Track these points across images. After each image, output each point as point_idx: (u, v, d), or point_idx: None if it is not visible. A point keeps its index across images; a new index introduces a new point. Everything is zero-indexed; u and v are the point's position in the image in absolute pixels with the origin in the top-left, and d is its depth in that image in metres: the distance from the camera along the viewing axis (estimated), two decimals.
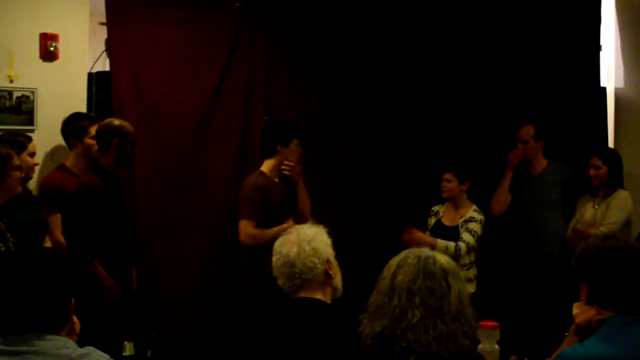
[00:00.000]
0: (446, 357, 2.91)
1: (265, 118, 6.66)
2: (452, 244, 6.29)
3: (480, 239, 6.48)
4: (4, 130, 5.80)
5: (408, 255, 3.06)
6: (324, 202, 6.87)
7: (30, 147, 5.62)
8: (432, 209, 6.72)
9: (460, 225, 6.47)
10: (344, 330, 3.34)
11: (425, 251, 3.08)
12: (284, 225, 5.68)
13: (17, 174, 4.99)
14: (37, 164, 5.74)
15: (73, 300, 2.96)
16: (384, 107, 7.16)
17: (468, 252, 6.39)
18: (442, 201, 6.67)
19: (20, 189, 5.08)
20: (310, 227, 3.78)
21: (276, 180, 6.14)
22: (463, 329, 2.96)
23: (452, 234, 6.45)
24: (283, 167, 6.12)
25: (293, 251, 3.63)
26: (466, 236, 6.40)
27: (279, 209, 6.02)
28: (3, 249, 4.75)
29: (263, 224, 5.92)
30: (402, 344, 2.92)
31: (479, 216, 6.52)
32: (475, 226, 6.46)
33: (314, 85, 6.96)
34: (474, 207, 6.58)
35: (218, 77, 6.58)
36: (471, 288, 6.29)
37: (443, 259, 3.06)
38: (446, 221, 6.58)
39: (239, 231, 6.00)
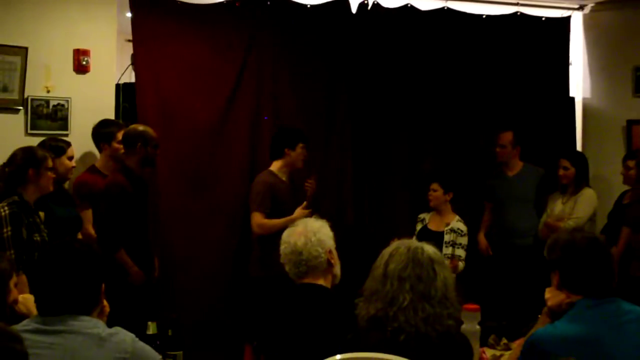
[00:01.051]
0: (433, 336, 2.94)
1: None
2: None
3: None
4: (42, 135, 5.81)
5: (399, 246, 3.10)
6: (324, 200, 6.87)
7: (69, 151, 5.63)
8: (419, 216, 6.70)
9: (445, 232, 6.45)
10: (342, 312, 3.35)
11: (415, 242, 3.12)
12: (292, 216, 5.73)
13: (50, 174, 4.99)
14: (74, 167, 5.73)
15: (103, 285, 2.97)
16: (379, 115, 7.14)
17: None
18: (428, 210, 6.67)
19: (51, 188, 5.07)
20: (316, 221, 3.78)
21: (284, 179, 6.16)
22: (448, 311, 2.99)
23: (436, 238, 6.32)
24: (307, 184, 6.14)
25: (300, 241, 3.62)
26: (460, 252, 6.41)
27: (285, 205, 6.03)
28: (39, 239, 4.76)
29: (270, 218, 5.94)
30: (393, 325, 2.95)
31: (464, 227, 6.50)
32: (464, 240, 6.47)
33: (316, 95, 6.95)
34: (458, 217, 6.56)
35: (231, 88, 6.59)
36: None
37: (430, 249, 3.10)
38: (432, 227, 6.56)
39: (251, 222, 6.01)
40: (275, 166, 6.18)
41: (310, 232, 3.66)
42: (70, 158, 5.63)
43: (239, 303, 6.35)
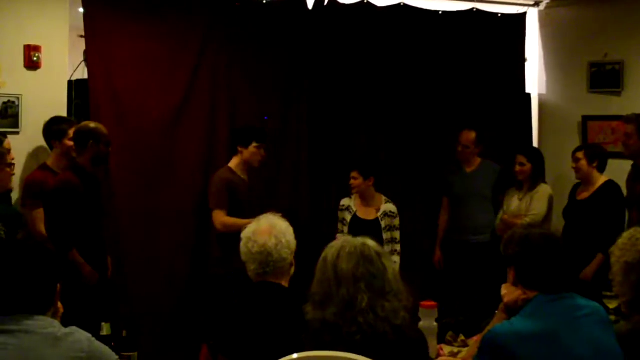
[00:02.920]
0: (389, 332, 2.93)
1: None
2: (397, 258, 6.41)
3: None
4: None
5: (343, 245, 3.05)
6: (278, 195, 6.89)
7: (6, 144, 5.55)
8: (342, 203, 6.63)
9: (380, 219, 6.48)
10: (301, 312, 3.33)
11: (357, 239, 3.07)
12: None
13: (9, 170, 4.97)
14: (13, 158, 5.62)
15: (59, 285, 2.95)
16: (336, 112, 7.17)
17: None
18: (349, 195, 6.64)
19: (11, 185, 5.05)
20: (280, 220, 3.71)
21: (243, 176, 6.14)
22: (402, 304, 2.98)
23: (372, 227, 6.38)
24: None
25: (271, 242, 3.56)
26: (397, 234, 6.50)
27: (243, 203, 6.02)
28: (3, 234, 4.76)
29: (228, 215, 5.93)
30: (352, 329, 2.91)
31: (394, 208, 6.54)
32: (397, 221, 6.53)
33: (273, 91, 6.94)
34: (385, 198, 6.58)
35: (185, 84, 6.56)
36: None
37: (372, 243, 3.07)
38: (362, 215, 6.53)
39: (213, 220, 6.00)
40: (233, 163, 6.20)
41: (280, 233, 3.61)
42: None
43: (196, 302, 6.34)
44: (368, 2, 7.15)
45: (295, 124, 7.03)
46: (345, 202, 6.63)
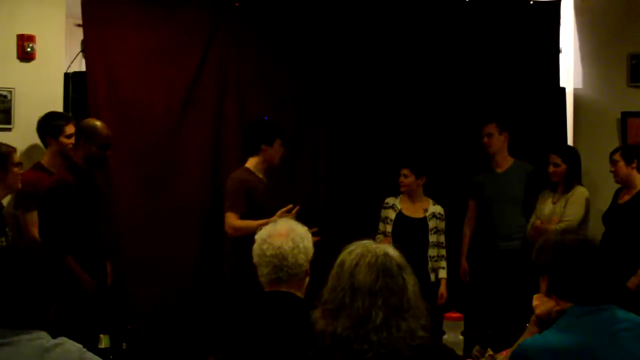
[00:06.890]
0: (405, 353, 2.83)
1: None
2: (444, 263, 6.72)
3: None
4: None
5: (364, 253, 2.97)
6: (295, 199, 6.87)
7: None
8: (387, 201, 6.73)
9: (428, 218, 6.61)
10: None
11: (380, 247, 3.01)
12: (272, 218, 5.71)
13: (17, 170, 5.00)
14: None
15: (54, 306, 2.94)
16: (353, 104, 7.17)
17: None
18: (395, 193, 6.71)
19: (20, 185, 5.08)
20: (299, 224, 3.71)
21: (261, 176, 6.10)
22: (420, 322, 2.90)
23: (418, 226, 6.61)
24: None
25: (288, 245, 3.56)
26: (443, 238, 6.72)
27: (263, 204, 5.96)
28: (4, 243, 4.77)
29: (247, 218, 5.87)
30: (363, 347, 2.84)
31: (442, 210, 6.70)
32: (443, 224, 6.72)
33: (285, 85, 6.95)
34: (432, 200, 6.72)
35: (191, 77, 6.57)
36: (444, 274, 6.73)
37: (395, 254, 3.00)
38: (408, 213, 6.64)
39: (224, 223, 5.96)
40: (251, 163, 6.11)
41: (297, 237, 3.61)
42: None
43: (202, 312, 6.33)
44: None
45: (311, 119, 7.05)
46: (390, 200, 6.75)
